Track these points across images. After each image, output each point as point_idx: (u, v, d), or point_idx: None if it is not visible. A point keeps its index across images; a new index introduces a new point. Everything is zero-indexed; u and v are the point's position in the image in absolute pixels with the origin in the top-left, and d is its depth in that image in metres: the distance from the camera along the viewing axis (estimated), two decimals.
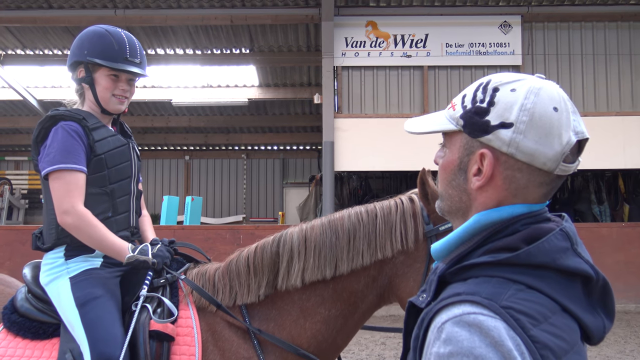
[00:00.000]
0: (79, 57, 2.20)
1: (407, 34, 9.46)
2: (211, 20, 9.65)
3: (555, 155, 0.93)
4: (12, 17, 9.63)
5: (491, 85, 0.98)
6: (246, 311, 2.03)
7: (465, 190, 1.01)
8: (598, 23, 9.62)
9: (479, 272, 0.92)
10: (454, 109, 1.02)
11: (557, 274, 0.91)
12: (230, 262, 2.12)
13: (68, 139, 2.08)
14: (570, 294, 0.91)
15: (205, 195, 16.61)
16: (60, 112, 2.16)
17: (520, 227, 0.95)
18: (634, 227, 8.75)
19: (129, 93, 2.27)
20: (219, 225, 13.12)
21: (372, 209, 2.04)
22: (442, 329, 0.85)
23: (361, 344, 6.48)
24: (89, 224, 2.05)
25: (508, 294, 0.87)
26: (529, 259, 0.90)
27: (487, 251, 0.94)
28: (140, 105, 14.15)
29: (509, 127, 0.93)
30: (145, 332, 1.96)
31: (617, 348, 6.20)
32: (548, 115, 0.93)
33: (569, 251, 0.94)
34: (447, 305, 0.88)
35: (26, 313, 2.12)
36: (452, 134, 1.02)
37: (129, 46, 2.21)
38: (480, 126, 0.96)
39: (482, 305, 0.85)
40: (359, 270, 1.98)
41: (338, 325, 2.01)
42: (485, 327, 0.83)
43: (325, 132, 9.07)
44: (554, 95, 0.95)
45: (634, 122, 9.23)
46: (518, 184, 0.96)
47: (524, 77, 0.98)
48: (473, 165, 0.98)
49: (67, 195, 2.05)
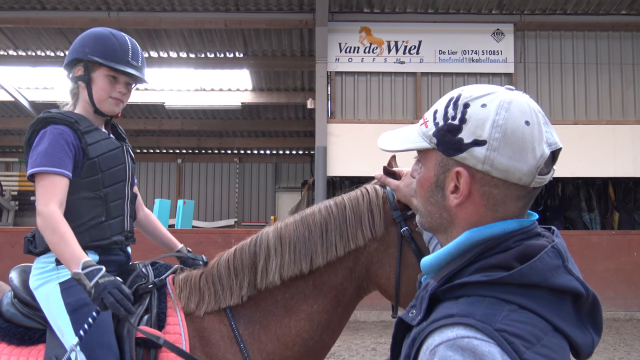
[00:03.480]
0: (80, 55, 2.17)
1: (401, 40, 9.50)
2: (205, 24, 9.64)
3: (530, 169, 0.93)
4: (4, 18, 9.58)
5: (462, 101, 0.97)
6: (231, 314, 2.03)
7: (444, 207, 1.01)
8: (590, 32, 9.71)
9: (471, 291, 0.91)
10: (426, 126, 1.01)
11: (549, 292, 0.90)
12: (212, 266, 2.12)
13: (53, 143, 2.05)
14: (561, 313, 0.91)
15: (197, 198, 16.55)
16: (51, 114, 2.12)
17: (513, 244, 0.94)
18: (624, 235, 8.81)
19: (126, 97, 2.25)
20: (211, 229, 13.09)
21: (341, 201, 2.07)
22: (435, 352, 0.84)
23: (352, 349, 6.47)
24: (50, 227, 1.95)
25: (502, 316, 0.86)
26: (522, 279, 0.89)
27: (480, 269, 0.93)
28: (133, 108, 14.10)
29: (483, 145, 0.93)
30: (132, 339, 1.94)
31: (606, 355, 6.23)
32: (520, 130, 0.93)
33: (561, 269, 0.93)
34: (440, 327, 0.87)
35: (12, 318, 2.08)
36: (426, 151, 1.02)
37: (131, 50, 2.20)
38: (453, 144, 0.96)
39: (476, 328, 0.84)
40: (335, 263, 2.00)
41: (322, 321, 2.02)
42: (480, 352, 0.81)
43: (318, 137, 9.08)
44: (524, 108, 0.95)
45: (625, 131, 9.31)
46: (496, 200, 0.96)
47: (494, 90, 0.97)
48: (450, 182, 0.98)
49: (41, 197, 2.01)
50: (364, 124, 9.30)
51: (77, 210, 2.10)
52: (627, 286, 8.40)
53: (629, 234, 8.88)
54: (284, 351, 2.00)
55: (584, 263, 8.13)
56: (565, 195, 11.16)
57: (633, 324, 8.03)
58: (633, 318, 8.27)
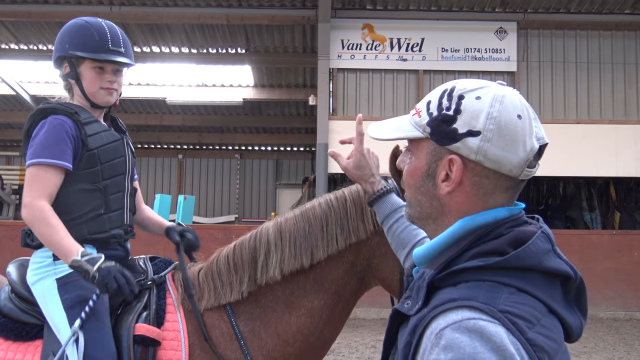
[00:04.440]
0: (62, 52, 2.14)
1: (403, 37, 9.47)
2: (207, 19, 9.62)
3: (520, 161, 0.96)
4: (6, 11, 9.56)
5: (456, 93, 0.99)
6: (231, 311, 2.01)
7: (434, 196, 1.02)
8: (593, 32, 9.67)
9: (469, 277, 0.92)
10: (419, 116, 1.03)
11: (542, 275, 0.93)
12: (212, 262, 2.10)
13: (52, 133, 2.03)
14: (554, 295, 0.94)
15: (197, 194, 16.54)
16: (51, 105, 2.11)
17: (505, 231, 0.97)
18: (625, 235, 8.80)
19: (117, 84, 2.19)
20: (211, 225, 13.09)
21: (341, 194, 2.06)
22: (441, 336, 0.84)
23: (352, 346, 6.48)
24: (40, 219, 1.95)
25: (502, 298, 0.88)
26: (518, 262, 0.92)
27: (475, 255, 0.95)
28: (134, 103, 14.09)
29: (477, 135, 0.95)
30: (130, 337, 1.92)
31: (605, 355, 6.22)
32: (513, 123, 0.96)
33: (551, 253, 0.96)
34: (444, 311, 0.87)
35: (9, 313, 2.06)
36: (418, 141, 1.04)
37: (110, 36, 2.13)
38: (448, 134, 0.98)
39: (481, 310, 0.85)
40: (336, 257, 1.99)
41: (324, 316, 2.00)
42: (487, 332, 0.83)
43: (319, 133, 9.06)
44: (516, 103, 0.98)
45: (627, 131, 9.28)
46: (486, 190, 0.99)
47: (487, 85, 1.00)
48: (441, 171, 1.00)
49: (28, 189, 1.99)
50: (366, 121, 9.15)
51: (75, 202, 2.07)
52: (627, 286, 8.39)
53: (629, 234, 8.87)
54: (285, 348, 1.99)
55: (584, 262, 8.12)
56: (567, 195, 11.15)
57: (633, 323, 8.02)
58: (633, 318, 8.27)
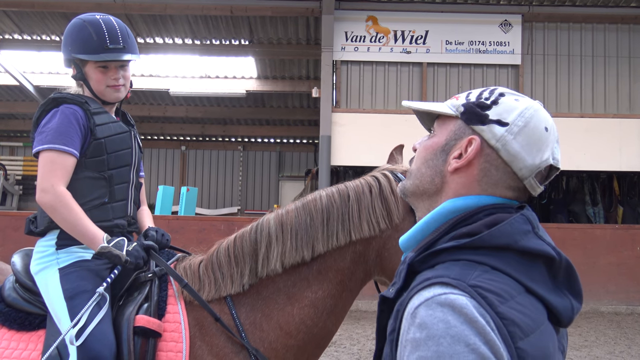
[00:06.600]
0: (67, 55, 2.21)
1: (407, 30, 9.42)
2: (211, 11, 9.59)
3: (532, 165, 1.01)
4: (10, 1, 9.54)
5: (499, 91, 1.06)
6: (232, 303, 2.00)
7: (440, 172, 1.05)
8: (598, 25, 9.61)
9: (445, 257, 0.95)
10: (456, 99, 1.08)
11: (519, 255, 0.94)
12: (212, 254, 2.10)
13: (65, 121, 2.07)
14: (533, 275, 0.94)
15: (200, 186, 16.56)
16: (63, 95, 2.15)
17: (483, 217, 0.99)
18: (627, 229, 8.78)
19: (123, 79, 2.23)
20: (214, 217, 13.11)
21: (344, 189, 2.03)
22: (416, 314, 0.87)
23: (353, 338, 6.50)
24: (65, 205, 1.99)
25: (474, 274, 0.90)
26: (491, 241, 0.93)
27: (452, 238, 0.97)
28: (138, 94, 14.07)
29: (504, 126, 1.00)
30: (130, 328, 1.92)
31: (606, 349, 6.24)
32: (539, 130, 1.01)
33: (530, 234, 0.97)
34: (418, 291, 0.90)
35: (13, 303, 2.07)
36: (445, 120, 1.08)
37: (107, 33, 2.14)
38: (478, 116, 1.02)
39: (451, 285, 0.88)
40: (342, 247, 1.98)
41: (328, 307, 1.99)
42: (458, 305, 0.85)
43: (322, 126, 9.04)
44: (548, 118, 1.04)
45: (631, 125, 9.24)
46: (490, 180, 1.01)
47: (527, 97, 1.07)
48: (456, 150, 1.03)
49: (50, 174, 2.02)
50: (369, 113, 9.26)
51: (80, 189, 2.10)
52: (630, 280, 8.39)
53: (632, 228, 8.85)
54: (288, 340, 1.98)
55: (587, 257, 8.12)
56: (570, 189, 11.12)
57: (634, 318, 8.03)
58: (634, 312, 8.27)
